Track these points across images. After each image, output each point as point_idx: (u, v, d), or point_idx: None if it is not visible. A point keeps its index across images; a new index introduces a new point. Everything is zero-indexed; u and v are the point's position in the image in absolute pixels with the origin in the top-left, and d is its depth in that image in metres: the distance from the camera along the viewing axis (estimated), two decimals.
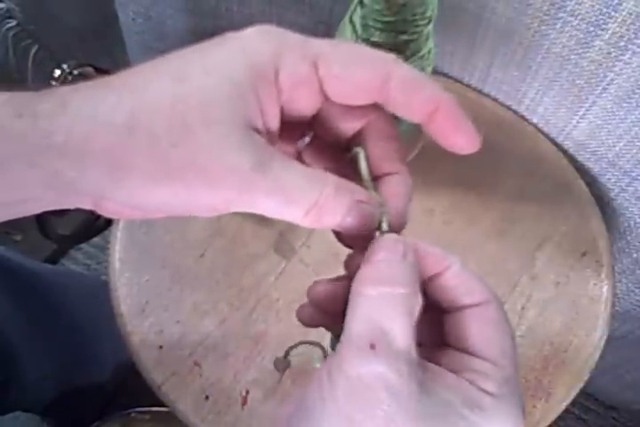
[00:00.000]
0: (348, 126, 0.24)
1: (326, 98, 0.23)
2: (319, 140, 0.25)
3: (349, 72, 0.22)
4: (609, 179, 0.54)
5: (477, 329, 0.23)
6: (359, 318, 0.21)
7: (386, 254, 0.22)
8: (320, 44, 0.22)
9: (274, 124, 0.22)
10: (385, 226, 0.24)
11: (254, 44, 0.21)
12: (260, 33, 0.22)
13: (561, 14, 0.44)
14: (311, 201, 0.21)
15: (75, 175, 0.20)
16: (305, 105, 0.23)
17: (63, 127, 0.20)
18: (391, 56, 0.22)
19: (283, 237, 0.50)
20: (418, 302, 0.21)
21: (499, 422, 0.21)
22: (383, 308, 0.21)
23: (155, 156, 0.20)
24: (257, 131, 0.21)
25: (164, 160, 0.20)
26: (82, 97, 0.21)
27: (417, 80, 0.22)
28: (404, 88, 0.22)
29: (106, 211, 0.23)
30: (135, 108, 0.20)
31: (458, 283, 0.23)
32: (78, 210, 0.23)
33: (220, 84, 0.21)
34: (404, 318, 0.21)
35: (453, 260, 0.23)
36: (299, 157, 0.26)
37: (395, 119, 0.25)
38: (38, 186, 0.21)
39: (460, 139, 0.23)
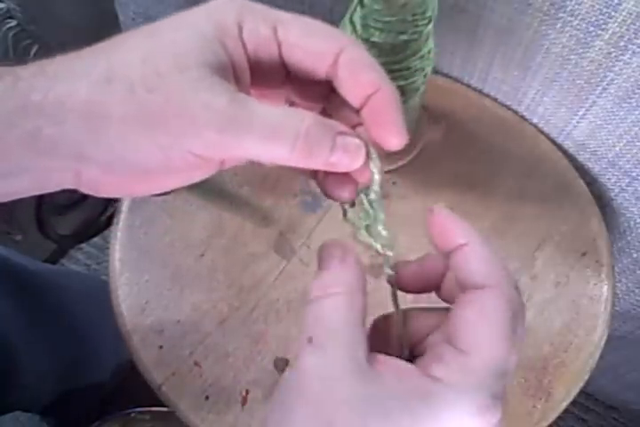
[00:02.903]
0: (318, 66, 0.24)
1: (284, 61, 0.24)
2: (298, 85, 0.26)
3: (305, 40, 0.23)
4: (609, 179, 0.54)
5: (459, 315, 0.22)
6: (306, 318, 0.23)
7: (326, 262, 0.24)
8: (281, 13, 0.23)
9: (244, 76, 0.23)
10: (377, 188, 0.25)
11: (219, 5, 0.23)
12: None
13: (561, 14, 0.44)
14: (294, 132, 0.21)
15: (53, 132, 0.21)
16: (269, 63, 0.24)
17: (42, 87, 0.21)
18: (348, 37, 0.24)
19: (283, 237, 0.50)
20: (358, 300, 0.23)
21: (446, 411, 0.20)
22: (323, 307, 0.23)
23: (132, 103, 0.21)
24: (228, 81, 0.22)
25: (142, 106, 0.21)
26: (59, 62, 0.22)
27: (365, 61, 0.23)
28: (351, 65, 0.23)
29: (87, 183, 0.23)
30: (110, 63, 0.22)
31: (464, 264, 0.23)
32: (78, 210, 0.23)
33: (189, 37, 0.22)
34: (338, 314, 0.22)
35: (471, 239, 0.24)
36: None
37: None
38: (18, 148, 0.21)
39: (387, 130, 0.23)
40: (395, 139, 0.24)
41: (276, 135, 0.21)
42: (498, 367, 0.21)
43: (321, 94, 0.26)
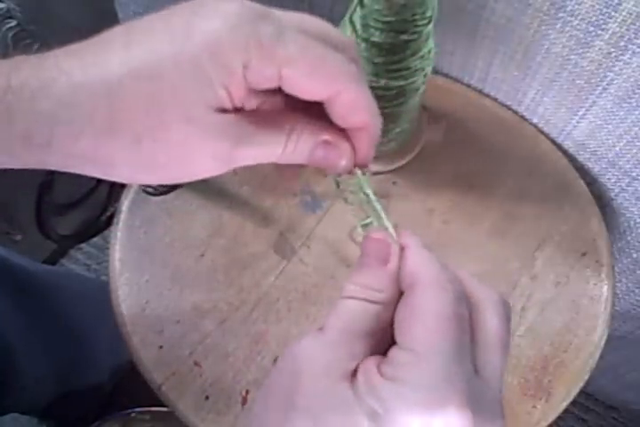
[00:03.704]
0: (315, 99, 0.25)
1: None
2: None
3: (306, 81, 0.23)
4: (609, 179, 0.54)
5: (399, 314, 0.23)
6: (334, 310, 0.24)
7: (371, 259, 0.25)
8: (290, 48, 0.22)
9: (243, 101, 0.24)
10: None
11: (225, 44, 0.22)
12: (232, 28, 0.22)
13: (561, 14, 0.44)
14: (280, 151, 0.24)
15: (61, 167, 0.23)
16: (266, 89, 0.24)
17: (43, 131, 0.22)
18: (350, 75, 0.24)
19: (283, 237, 0.50)
20: (389, 313, 0.23)
21: (395, 407, 0.20)
22: (353, 310, 0.23)
23: (138, 151, 0.23)
24: (226, 111, 0.23)
25: (148, 155, 0.23)
26: (58, 97, 0.22)
27: (361, 104, 0.24)
28: (347, 107, 0.24)
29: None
30: (112, 109, 0.22)
31: (402, 265, 0.25)
32: (78, 210, 0.24)
33: (195, 85, 0.22)
34: (365, 321, 0.23)
35: (409, 241, 0.25)
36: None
37: (393, 119, 0.25)
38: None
39: (356, 157, 0.26)
40: (359, 165, 0.27)
41: (267, 156, 0.24)
42: (446, 357, 0.21)
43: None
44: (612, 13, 0.42)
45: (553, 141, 0.56)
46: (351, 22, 0.39)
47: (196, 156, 0.23)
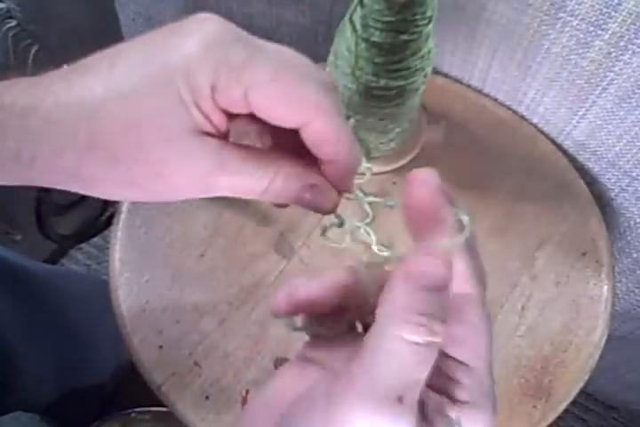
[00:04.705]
0: (285, 126, 0.24)
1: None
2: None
3: (273, 110, 0.23)
4: (609, 179, 0.54)
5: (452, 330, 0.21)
6: (388, 365, 0.18)
7: (430, 282, 0.19)
8: (258, 74, 0.22)
9: (221, 124, 0.24)
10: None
11: (194, 65, 0.22)
12: (203, 50, 0.22)
13: (561, 14, 0.44)
14: (263, 187, 0.24)
15: (44, 183, 0.24)
16: (240, 113, 0.24)
17: (28, 147, 0.23)
18: (323, 102, 0.23)
19: (283, 237, 0.50)
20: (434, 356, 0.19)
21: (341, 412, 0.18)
22: (421, 359, 0.18)
23: (117, 171, 0.23)
24: (208, 134, 0.24)
25: (127, 174, 0.23)
26: (40, 116, 0.22)
27: (329, 135, 0.24)
28: (314, 137, 0.24)
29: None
30: (92, 130, 0.23)
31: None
32: (78, 210, 0.24)
33: (170, 107, 0.23)
34: (427, 370, 0.18)
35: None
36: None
37: (393, 119, 0.25)
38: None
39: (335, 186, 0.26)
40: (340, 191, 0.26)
41: (248, 191, 0.25)
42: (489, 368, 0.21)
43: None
44: (612, 13, 0.42)
45: (553, 141, 0.56)
46: (351, 22, 0.39)
47: (173, 177, 0.23)
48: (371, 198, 0.51)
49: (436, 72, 0.58)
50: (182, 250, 0.50)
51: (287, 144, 0.26)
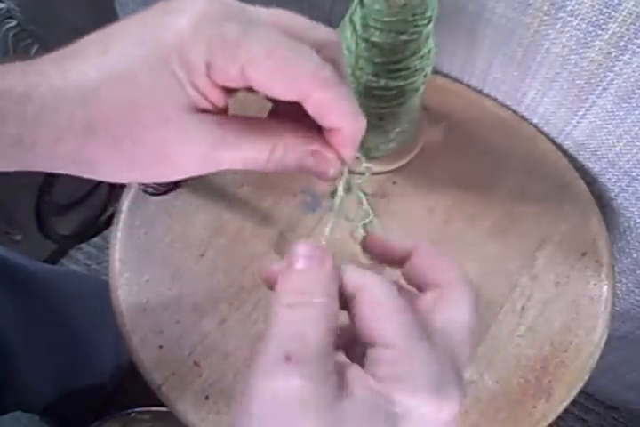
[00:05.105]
0: (286, 99, 0.24)
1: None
2: None
3: (271, 84, 0.23)
4: (609, 179, 0.54)
5: (361, 316, 0.23)
6: (276, 329, 0.21)
7: (303, 263, 0.24)
8: (254, 47, 0.22)
9: (219, 100, 0.24)
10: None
11: (188, 42, 0.22)
12: (195, 27, 0.22)
13: (561, 14, 0.44)
14: (264, 158, 0.24)
15: (46, 168, 0.24)
16: (239, 88, 0.24)
17: (29, 132, 0.22)
18: (321, 74, 0.23)
19: (283, 236, 0.50)
20: (334, 309, 0.22)
21: (408, 402, 0.20)
22: (298, 318, 0.21)
23: (118, 152, 0.23)
24: (206, 110, 0.24)
25: (128, 155, 0.23)
26: (38, 101, 0.22)
27: (331, 105, 0.24)
28: (316, 109, 0.24)
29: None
30: (89, 113, 0.22)
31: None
32: (78, 210, 0.24)
33: (166, 86, 0.23)
34: (319, 327, 0.21)
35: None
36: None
37: (393, 119, 0.25)
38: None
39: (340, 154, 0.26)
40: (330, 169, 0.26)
41: (251, 163, 0.24)
42: (425, 345, 0.21)
43: None
44: (612, 13, 0.42)
45: (553, 141, 0.56)
46: (351, 22, 0.40)
47: (175, 155, 0.23)
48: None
49: (435, 72, 0.58)
50: (182, 250, 0.50)
51: (291, 111, 0.25)
